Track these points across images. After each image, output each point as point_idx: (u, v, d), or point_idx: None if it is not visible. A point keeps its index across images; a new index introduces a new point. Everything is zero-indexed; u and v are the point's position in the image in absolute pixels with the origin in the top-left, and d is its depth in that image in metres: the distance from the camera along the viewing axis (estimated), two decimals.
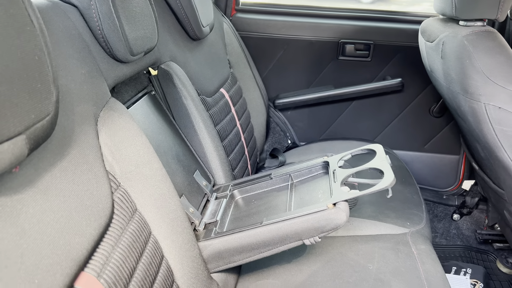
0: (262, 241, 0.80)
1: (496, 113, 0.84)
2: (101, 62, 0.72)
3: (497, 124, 0.85)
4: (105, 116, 0.68)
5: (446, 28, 1.12)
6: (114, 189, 0.64)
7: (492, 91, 0.83)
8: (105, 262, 0.55)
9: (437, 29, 1.18)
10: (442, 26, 1.16)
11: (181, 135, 1.01)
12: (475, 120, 0.90)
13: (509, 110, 0.82)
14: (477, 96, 0.86)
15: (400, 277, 0.92)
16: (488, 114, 0.85)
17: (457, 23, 1.10)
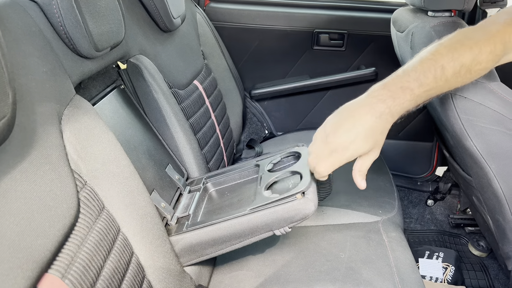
0: (233, 233, 0.80)
1: (462, 103, 0.86)
2: (65, 59, 0.71)
3: (463, 113, 0.86)
4: (69, 114, 0.67)
5: (415, 19, 1.14)
6: (80, 188, 0.63)
7: None
8: (70, 262, 0.55)
9: (407, 20, 1.19)
10: (412, 17, 1.17)
11: (153, 129, 1.01)
12: (442, 109, 0.92)
13: (475, 100, 0.84)
14: None
15: (371, 265, 0.94)
16: (454, 104, 0.87)
17: (426, 14, 1.11)
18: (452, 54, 0.67)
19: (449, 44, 0.68)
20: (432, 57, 0.67)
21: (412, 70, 0.66)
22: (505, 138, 0.82)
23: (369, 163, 0.70)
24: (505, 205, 0.88)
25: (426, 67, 0.65)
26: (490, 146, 0.84)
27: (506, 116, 0.81)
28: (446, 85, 0.67)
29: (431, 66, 0.65)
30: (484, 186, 0.92)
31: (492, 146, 0.84)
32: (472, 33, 0.70)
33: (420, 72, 0.65)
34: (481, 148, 0.86)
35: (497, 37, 0.69)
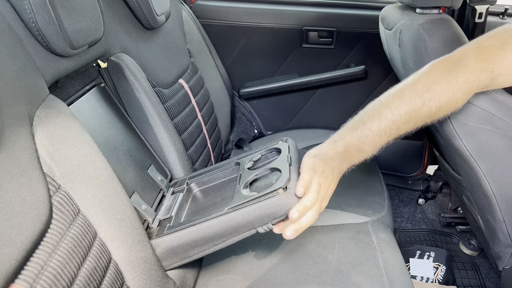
0: (215, 233, 0.78)
1: None
2: (37, 57, 0.68)
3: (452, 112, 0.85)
4: (42, 115, 0.64)
5: (403, 16, 1.12)
6: (53, 192, 0.61)
7: None
8: (39, 271, 0.52)
9: (395, 17, 1.17)
10: (400, 14, 1.15)
11: (135, 130, 0.98)
12: None
13: None
14: None
15: (359, 267, 0.92)
16: None
17: (414, 11, 1.09)
18: (409, 115, 0.76)
19: (410, 102, 0.76)
20: (390, 117, 0.76)
21: (369, 132, 0.77)
22: (495, 137, 0.81)
23: (312, 220, 0.74)
24: (495, 205, 0.86)
25: (383, 129, 0.77)
26: (479, 145, 0.83)
27: (495, 114, 0.79)
28: (401, 132, 0.79)
29: (387, 128, 0.77)
30: (474, 186, 0.91)
31: (481, 145, 0.82)
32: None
33: (377, 135, 0.76)
34: (471, 148, 0.84)
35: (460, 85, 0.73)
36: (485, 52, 0.72)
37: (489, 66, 0.71)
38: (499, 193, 0.86)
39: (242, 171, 0.90)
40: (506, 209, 0.87)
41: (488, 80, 0.72)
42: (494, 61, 0.71)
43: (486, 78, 0.72)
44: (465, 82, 0.72)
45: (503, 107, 0.80)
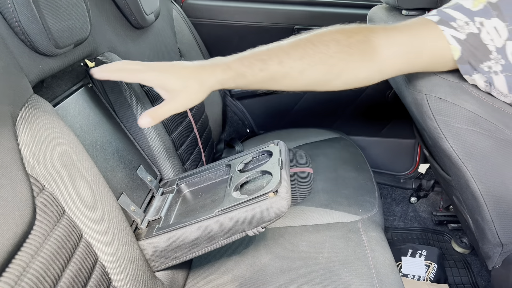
0: (204, 235, 0.77)
1: (437, 103, 0.84)
2: (21, 56, 0.67)
3: (438, 114, 0.84)
4: (25, 115, 0.63)
5: (389, 17, 1.12)
6: (37, 193, 0.60)
7: (432, 82, 0.83)
8: (21, 273, 0.52)
9: (381, 18, 1.17)
10: (386, 16, 1.15)
11: (123, 130, 0.97)
12: (418, 111, 0.90)
13: (450, 100, 0.82)
14: (419, 87, 0.85)
15: (349, 266, 0.92)
16: (429, 105, 0.85)
17: (400, 12, 1.09)
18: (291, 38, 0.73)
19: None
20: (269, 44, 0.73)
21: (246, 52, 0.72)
22: (481, 139, 0.80)
23: (168, 109, 0.70)
24: (483, 206, 0.86)
25: (261, 47, 0.72)
26: (466, 146, 0.83)
27: (481, 116, 0.79)
28: (281, 52, 0.71)
29: (265, 46, 0.72)
30: (463, 187, 0.91)
31: (468, 147, 0.82)
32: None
33: (254, 49, 0.72)
34: (458, 149, 0.84)
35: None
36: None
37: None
38: (487, 194, 0.86)
39: (233, 173, 0.90)
40: (494, 210, 0.87)
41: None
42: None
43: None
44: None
45: (488, 108, 0.79)
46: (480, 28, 0.72)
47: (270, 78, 0.71)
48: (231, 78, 0.70)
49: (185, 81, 0.69)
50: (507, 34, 0.71)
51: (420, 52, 0.75)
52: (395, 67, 0.76)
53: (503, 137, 0.79)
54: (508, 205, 0.84)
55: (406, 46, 0.74)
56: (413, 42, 0.74)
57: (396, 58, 0.74)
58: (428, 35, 0.73)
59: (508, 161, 0.81)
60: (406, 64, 0.76)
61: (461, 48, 0.73)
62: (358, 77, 0.75)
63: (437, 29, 0.73)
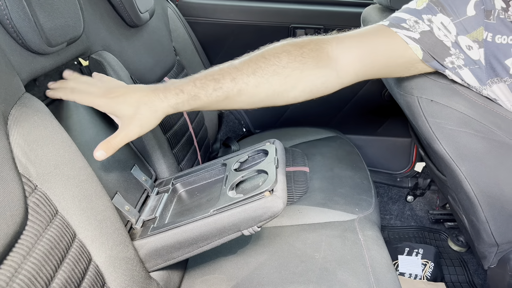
0: (200, 235, 0.77)
1: (428, 106, 0.83)
2: (12, 54, 0.66)
3: (430, 116, 0.84)
4: (17, 114, 0.62)
5: (382, 18, 1.11)
6: (29, 192, 0.59)
7: (423, 84, 0.83)
8: (13, 274, 0.51)
9: (374, 19, 1.17)
10: (379, 16, 1.15)
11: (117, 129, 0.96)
12: (410, 113, 0.90)
13: (441, 102, 0.82)
14: (410, 89, 0.85)
15: (346, 266, 0.92)
16: (421, 107, 0.85)
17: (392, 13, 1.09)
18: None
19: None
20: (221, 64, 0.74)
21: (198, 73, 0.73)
22: (474, 140, 0.80)
23: (121, 137, 0.70)
24: (478, 206, 0.86)
25: (213, 68, 0.73)
26: (458, 148, 0.82)
27: (472, 117, 0.79)
28: (234, 70, 0.72)
29: (217, 66, 0.73)
30: (457, 187, 0.91)
31: (460, 148, 0.82)
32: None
33: (206, 70, 0.73)
34: (450, 151, 0.84)
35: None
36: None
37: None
38: (481, 195, 0.86)
39: (228, 172, 0.89)
40: (488, 210, 0.87)
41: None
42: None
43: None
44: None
45: (480, 109, 0.79)
46: (431, 25, 0.73)
47: (225, 97, 0.71)
48: (185, 101, 0.69)
49: (137, 109, 0.68)
50: (455, 29, 0.71)
51: (375, 54, 0.75)
52: (352, 72, 0.76)
53: (495, 138, 0.79)
54: (503, 206, 0.84)
55: (359, 49, 0.74)
56: (366, 45, 0.75)
57: (351, 63, 0.75)
58: (381, 38, 0.74)
59: (501, 162, 0.80)
60: (364, 68, 0.76)
61: (420, 46, 0.73)
62: (316, 85, 0.75)
63: (390, 32, 0.74)
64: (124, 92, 0.71)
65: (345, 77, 0.77)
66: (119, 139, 0.70)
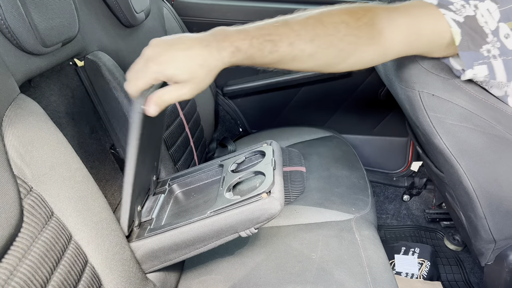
0: (197, 237, 0.76)
1: (430, 100, 0.84)
2: (6, 55, 0.65)
3: (431, 111, 0.84)
4: (12, 115, 0.62)
5: None
6: (24, 194, 0.59)
7: (425, 78, 0.83)
8: (8, 277, 0.50)
9: None
10: None
11: (114, 130, 0.96)
12: (411, 108, 0.90)
13: (442, 97, 0.82)
14: (412, 84, 0.85)
15: (343, 265, 0.92)
16: (422, 101, 0.85)
17: None
18: (298, 13, 0.69)
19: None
20: (278, 17, 0.68)
21: (254, 23, 0.66)
22: (474, 135, 0.81)
23: (175, 96, 0.64)
24: (476, 202, 0.86)
25: (268, 21, 0.67)
26: (459, 143, 0.83)
27: (473, 112, 0.79)
28: (292, 33, 0.66)
29: (273, 20, 0.67)
30: (456, 183, 0.91)
31: (461, 143, 0.82)
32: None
33: (262, 23, 0.66)
34: (450, 146, 0.84)
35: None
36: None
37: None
38: (480, 190, 0.86)
39: (225, 173, 0.89)
40: (486, 206, 0.88)
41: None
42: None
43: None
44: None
45: (481, 104, 0.80)
46: (476, 11, 0.72)
47: (279, 61, 0.67)
48: (239, 60, 0.65)
49: (192, 73, 0.62)
50: (499, 16, 0.71)
51: (420, 35, 0.74)
52: (396, 49, 0.75)
53: (495, 133, 0.79)
54: (501, 202, 0.84)
55: (408, 29, 0.73)
56: (415, 25, 0.73)
57: (398, 41, 0.74)
58: (429, 18, 0.73)
59: (500, 157, 0.81)
60: (407, 47, 0.76)
61: (460, 31, 0.72)
62: (363, 61, 0.74)
63: (437, 12, 0.73)
64: (174, 56, 0.63)
65: (389, 56, 0.76)
66: (173, 97, 0.65)
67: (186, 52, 0.62)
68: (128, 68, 1.05)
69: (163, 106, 0.65)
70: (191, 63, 0.62)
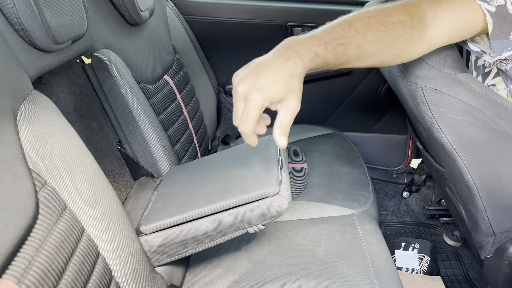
0: (206, 232, 0.78)
1: (432, 95, 0.86)
2: (20, 52, 0.67)
3: (433, 105, 0.86)
4: (26, 110, 0.63)
5: None
6: (39, 187, 0.60)
7: (428, 73, 0.85)
8: (27, 266, 0.52)
9: None
10: None
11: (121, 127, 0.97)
12: (414, 102, 0.92)
13: (445, 91, 0.84)
14: (415, 79, 0.87)
15: (346, 259, 0.94)
16: (425, 96, 0.87)
17: None
18: (358, 12, 0.71)
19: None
20: (338, 19, 0.70)
21: (319, 29, 0.68)
22: (475, 129, 0.83)
23: (289, 115, 0.66)
24: (477, 196, 0.88)
25: (333, 24, 0.69)
26: (460, 137, 0.85)
27: (475, 106, 0.81)
28: (359, 35, 0.68)
29: (337, 22, 0.69)
30: (456, 177, 0.93)
31: (462, 137, 0.84)
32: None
33: (327, 27, 0.68)
34: (452, 140, 0.86)
35: (405, 0, 0.74)
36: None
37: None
38: (480, 184, 0.88)
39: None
40: (487, 199, 0.90)
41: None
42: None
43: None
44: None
45: (482, 99, 0.82)
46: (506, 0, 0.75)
47: (347, 61, 0.70)
48: (317, 65, 0.67)
49: (288, 86, 0.65)
50: None
51: (461, 28, 0.77)
52: (439, 43, 0.78)
53: (496, 128, 0.81)
54: (501, 195, 0.86)
55: (451, 25, 0.76)
56: (457, 21, 0.76)
57: (442, 36, 0.77)
58: (468, 11, 0.76)
59: (500, 151, 0.83)
60: (448, 39, 0.79)
61: (492, 20, 0.74)
62: (412, 55, 0.78)
63: (475, 4, 0.75)
64: (266, 80, 0.64)
65: (431, 49, 0.79)
66: (289, 118, 0.66)
67: (274, 72, 0.63)
68: (134, 65, 1.07)
69: (288, 132, 0.67)
70: (283, 79, 0.63)
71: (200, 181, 0.91)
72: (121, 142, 1.01)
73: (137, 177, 1.05)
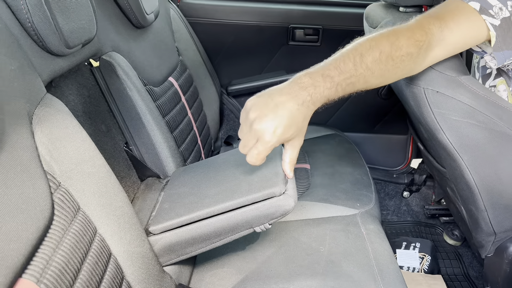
0: (214, 231, 0.80)
1: (434, 97, 0.87)
2: (34, 56, 0.68)
3: (435, 107, 0.88)
4: (41, 113, 0.64)
5: (387, 15, 1.15)
6: (54, 189, 0.62)
7: (430, 76, 0.86)
8: (45, 266, 0.53)
9: (379, 15, 1.20)
10: (384, 13, 1.18)
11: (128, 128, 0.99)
12: (416, 104, 0.94)
13: (446, 93, 0.86)
14: (417, 81, 0.89)
15: (350, 258, 0.95)
16: (427, 98, 0.89)
17: (397, 10, 1.12)
18: (370, 43, 0.72)
19: (370, 36, 0.74)
20: (351, 47, 0.72)
21: (333, 60, 0.71)
22: (476, 130, 0.84)
23: (296, 152, 0.74)
24: (477, 195, 0.90)
25: (345, 55, 0.71)
26: (462, 138, 0.86)
27: (476, 108, 0.83)
28: (368, 72, 0.71)
29: (350, 54, 0.70)
30: (458, 177, 0.94)
31: (463, 138, 0.86)
32: (392, 26, 0.76)
33: (340, 60, 0.70)
34: (454, 141, 0.87)
35: (415, 25, 0.75)
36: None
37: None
38: (481, 184, 0.90)
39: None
40: (487, 199, 0.91)
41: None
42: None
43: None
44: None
45: (483, 101, 0.84)
46: (511, 11, 0.76)
47: (352, 91, 0.74)
48: (325, 103, 0.72)
49: (299, 129, 0.70)
50: None
51: (463, 47, 0.81)
52: (440, 58, 0.82)
53: (496, 129, 0.83)
54: (501, 195, 0.88)
55: (455, 45, 0.79)
56: (461, 41, 0.79)
57: (444, 55, 0.81)
58: (474, 28, 0.78)
59: (501, 152, 0.85)
60: (450, 54, 0.82)
61: (496, 34, 0.77)
62: (412, 72, 0.82)
63: (479, 20, 0.77)
64: (283, 123, 0.68)
65: (431, 64, 0.83)
66: (295, 153, 0.74)
67: (290, 118, 0.67)
68: (140, 68, 1.08)
69: (294, 164, 0.76)
70: (297, 123, 0.68)
71: (206, 181, 0.93)
72: (128, 144, 1.03)
73: (144, 178, 1.06)
